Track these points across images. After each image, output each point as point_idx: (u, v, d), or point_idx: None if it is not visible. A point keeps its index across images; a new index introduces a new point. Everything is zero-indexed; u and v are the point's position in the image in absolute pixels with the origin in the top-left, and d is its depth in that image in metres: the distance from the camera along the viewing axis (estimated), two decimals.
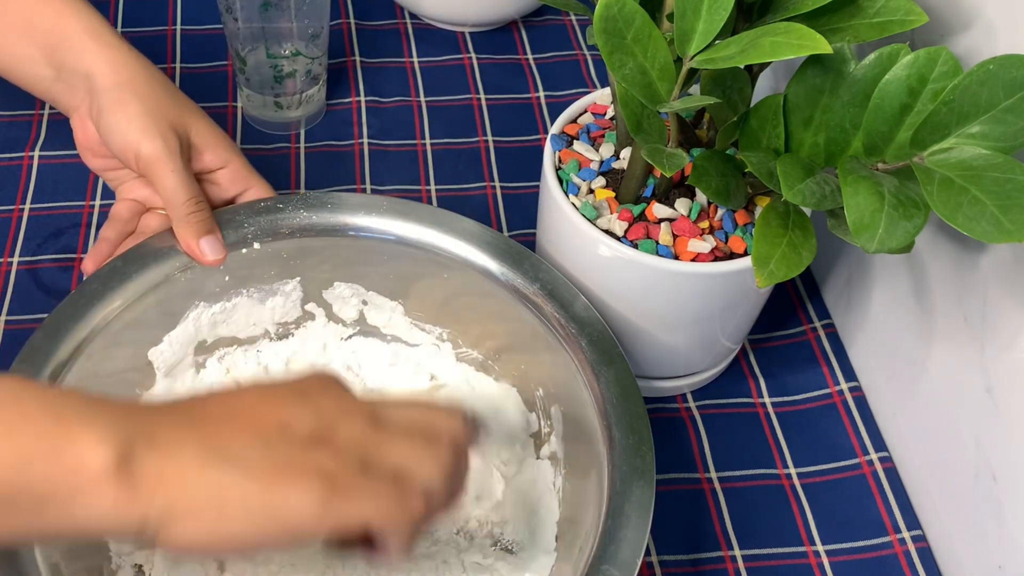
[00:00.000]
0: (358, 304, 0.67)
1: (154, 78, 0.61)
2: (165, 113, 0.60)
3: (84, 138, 0.63)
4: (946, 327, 0.61)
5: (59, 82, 0.62)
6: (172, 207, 0.60)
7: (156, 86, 0.61)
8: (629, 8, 0.51)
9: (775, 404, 0.70)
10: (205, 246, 0.60)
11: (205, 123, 0.62)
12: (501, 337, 0.64)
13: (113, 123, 0.59)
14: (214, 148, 0.62)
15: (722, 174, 0.56)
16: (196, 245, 0.60)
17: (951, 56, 0.49)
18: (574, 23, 0.93)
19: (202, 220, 0.60)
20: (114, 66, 0.60)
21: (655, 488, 0.53)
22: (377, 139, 0.82)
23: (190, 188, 0.60)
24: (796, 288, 0.76)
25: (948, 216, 0.46)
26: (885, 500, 0.65)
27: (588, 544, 0.52)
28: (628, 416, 0.55)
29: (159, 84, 0.61)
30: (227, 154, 0.63)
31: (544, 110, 0.85)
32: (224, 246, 0.61)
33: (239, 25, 0.75)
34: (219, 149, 0.62)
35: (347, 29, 0.90)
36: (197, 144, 0.62)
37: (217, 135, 0.63)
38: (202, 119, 0.62)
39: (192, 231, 0.60)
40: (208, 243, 0.60)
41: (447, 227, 0.63)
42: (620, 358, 0.58)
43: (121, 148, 0.60)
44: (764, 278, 0.52)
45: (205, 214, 0.60)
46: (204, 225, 0.60)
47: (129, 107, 0.59)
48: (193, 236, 0.60)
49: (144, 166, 0.59)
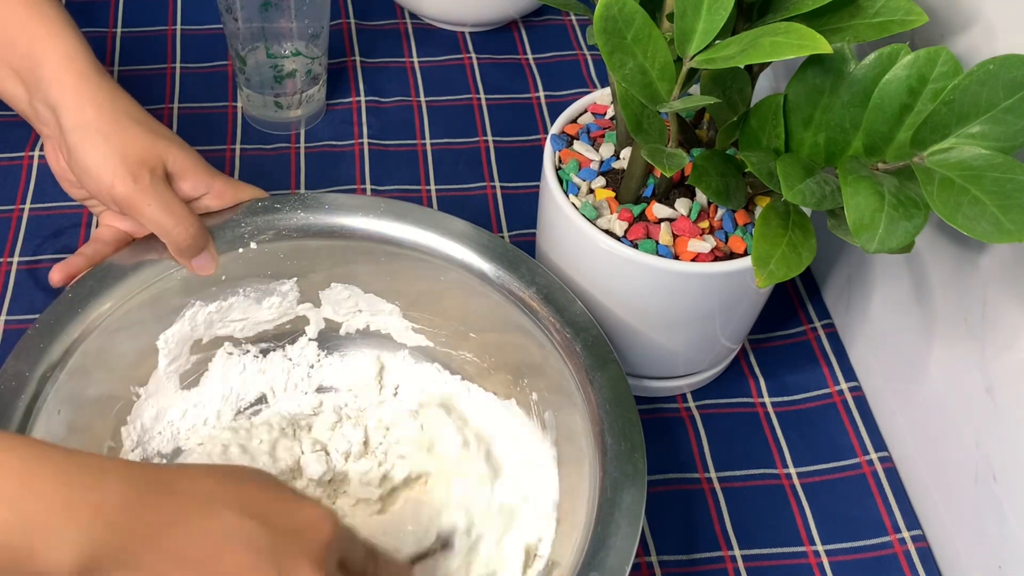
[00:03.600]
0: (354, 305, 0.66)
1: (122, 111, 0.59)
2: (134, 149, 0.58)
3: (59, 168, 0.62)
4: (946, 327, 0.61)
5: (31, 108, 0.61)
6: (160, 236, 0.59)
7: (123, 120, 0.59)
8: (629, 8, 0.51)
9: (775, 404, 0.70)
10: (197, 264, 0.61)
11: (180, 150, 0.60)
12: (496, 341, 0.64)
13: (83, 166, 0.58)
14: (193, 175, 0.61)
15: (722, 174, 0.56)
16: (189, 264, 0.61)
17: (951, 56, 0.49)
18: (574, 23, 0.93)
19: (191, 244, 0.60)
20: (81, 101, 0.58)
21: (646, 495, 0.53)
22: (377, 139, 0.82)
23: (172, 216, 0.59)
24: (796, 288, 0.76)
25: (948, 216, 0.46)
26: (885, 500, 0.65)
27: (577, 550, 0.52)
28: (621, 422, 0.55)
29: (126, 117, 0.59)
30: (207, 179, 0.62)
31: (544, 110, 0.85)
32: (215, 258, 0.61)
33: (239, 25, 0.75)
34: (198, 175, 0.61)
35: (347, 29, 0.90)
36: (174, 172, 0.60)
37: (194, 161, 0.61)
38: (176, 146, 0.60)
39: (184, 255, 0.60)
40: (199, 261, 0.61)
41: (444, 230, 0.63)
42: (615, 364, 0.57)
43: (96, 190, 0.59)
44: (764, 278, 0.52)
45: (193, 237, 0.60)
46: (195, 247, 0.60)
47: (96, 149, 0.58)
48: (185, 259, 0.60)
49: (122, 206, 0.59)
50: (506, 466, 0.63)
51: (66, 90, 0.59)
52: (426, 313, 0.66)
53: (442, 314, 0.65)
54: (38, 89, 0.59)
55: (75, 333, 0.57)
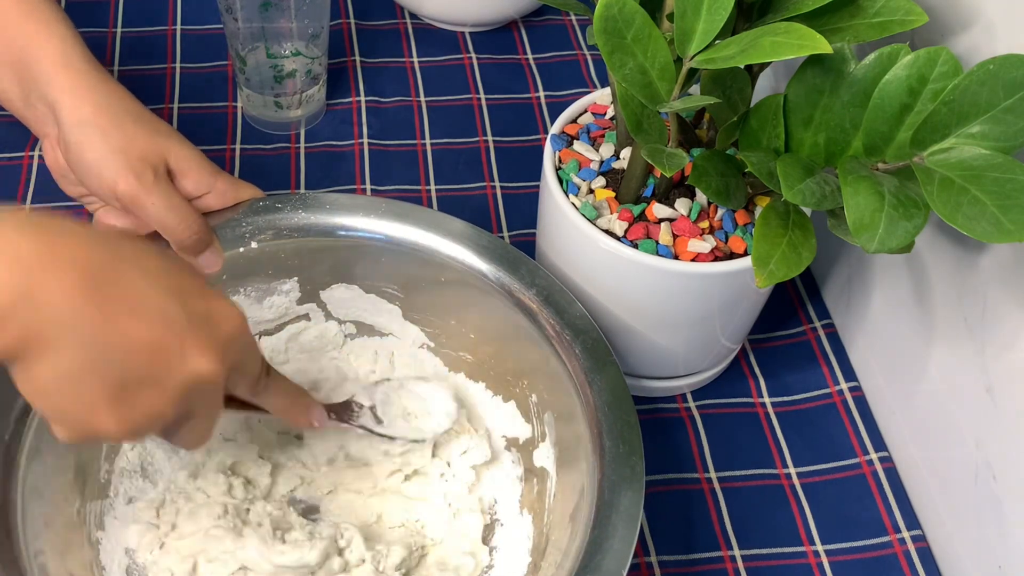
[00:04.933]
0: (355, 305, 0.66)
1: (121, 107, 0.59)
2: (135, 146, 0.58)
3: (57, 166, 0.62)
4: (946, 327, 0.61)
5: (29, 108, 0.60)
6: (164, 234, 0.59)
7: (122, 117, 0.59)
8: (629, 8, 0.51)
9: (775, 404, 0.70)
10: (204, 262, 0.61)
11: (181, 146, 0.60)
12: (496, 342, 0.64)
13: (84, 163, 0.58)
14: (195, 173, 0.60)
15: (722, 174, 0.56)
16: (195, 261, 0.60)
17: (951, 56, 0.49)
18: (574, 23, 0.93)
19: (196, 241, 0.60)
20: (78, 99, 0.58)
21: (645, 497, 0.53)
22: (377, 139, 0.82)
23: (176, 214, 0.59)
24: (796, 288, 0.76)
25: (948, 216, 0.46)
26: (885, 500, 0.65)
27: (573, 553, 0.52)
28: (620, 425, 0.55)
29: (126, 115, 0.59)
30: (210, 177, 0.61)
31: (544, 110, 0.85)
32: (221, 254, 0.61)
33: (239, 25, 0.75)
34: (201, 173, 0.61)
35: (347, 29, 0.90)
36: (177, 170, 0.60)
37: (196, 159, 0.61)
38: (177, 143, 0.60)
39: (188, 253, 0.60)
40: (205, 259, 0.61)
41: (445, 230, 0.63)
42: (614, 366, 0.57)
43: (96, 187, 0.59)
44: (764, 278, 0.52)
45: (197, 234, 0.60)
46: (200, 244, 0.60)
47: (96, 146, 0.57)
48: (190, 256, 0.60)
49: (126, 204, 0.58)
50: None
51: (63, 87, 0.58)
52: (426, 314, 0.66)
53: (442, 315, 0.65)
54: (35, 87, 0.59)
55: None
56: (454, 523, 0.62)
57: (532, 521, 0.61)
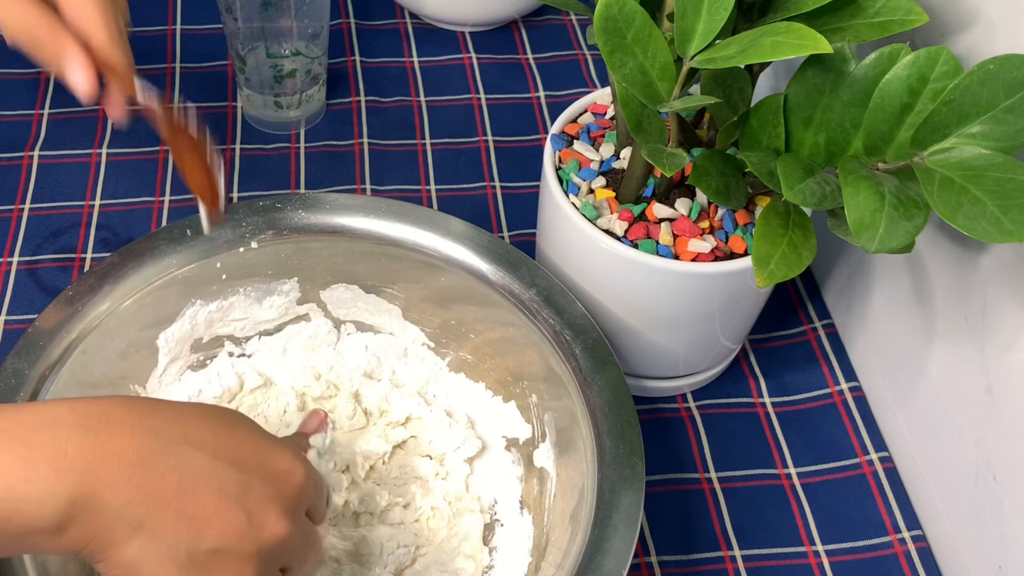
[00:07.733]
0: (355, 305, 0.66)
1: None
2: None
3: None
4: (946, 327, 0.61)
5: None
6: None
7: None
8: (629, 8, 0.51)
9: (775, 404, 0.70)
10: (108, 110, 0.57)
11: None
12: (496, 342, 0.64)
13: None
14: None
15: (722, 174, 0.56)
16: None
17: (951, 56, 0.49)
18: (574, 23, 0.93)
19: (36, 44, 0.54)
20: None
21: (645, 497, 0.53)
22: (377, 139, 0.82)
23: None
24: (796, 288, 0.76)
25: (948, 216, 0.46)
26: (885, 500, 0.65)
27: (574, 553, 0.52)
28: (620, 425, 0.55)
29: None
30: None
31: (544, 110, 0.85)
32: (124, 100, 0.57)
33: (239, 25, 0.75)
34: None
35: (347, 29, 0.90)
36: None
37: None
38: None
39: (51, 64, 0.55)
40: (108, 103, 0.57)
41: (445, 230, 0.63)
42: (614, 366, 0.57)
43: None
44: (764, 278, 0.52)
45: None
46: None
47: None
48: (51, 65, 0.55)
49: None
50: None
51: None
52: (426, 314, 0.66)
53: (442, 315, 0.65)
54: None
55: (74, 332, 0.57)
56: (454, 523, 0.62)
57: (532, 521, 0.61)
